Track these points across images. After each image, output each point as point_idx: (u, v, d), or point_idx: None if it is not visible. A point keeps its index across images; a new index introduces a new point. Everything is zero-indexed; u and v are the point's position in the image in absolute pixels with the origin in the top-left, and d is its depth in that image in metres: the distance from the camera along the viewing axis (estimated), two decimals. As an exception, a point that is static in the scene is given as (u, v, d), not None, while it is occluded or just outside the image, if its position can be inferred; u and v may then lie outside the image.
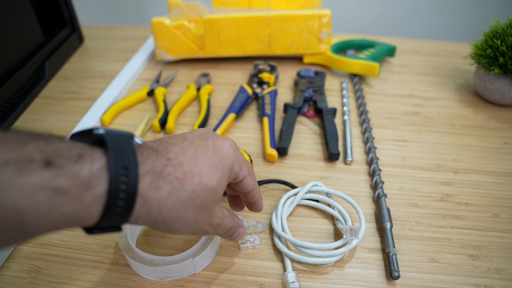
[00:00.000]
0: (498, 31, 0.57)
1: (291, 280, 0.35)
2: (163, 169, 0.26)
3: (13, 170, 0.19)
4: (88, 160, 0.22)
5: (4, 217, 0.19)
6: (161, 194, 0.25)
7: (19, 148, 0.20)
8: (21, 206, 0.19)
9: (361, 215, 0.40)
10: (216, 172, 0.28)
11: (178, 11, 0.70)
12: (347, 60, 0.66)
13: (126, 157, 0.24)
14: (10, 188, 0.19)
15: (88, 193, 0.22)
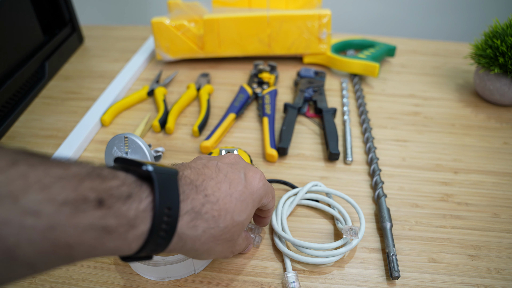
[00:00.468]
0: (498, 31, 0.57)
1: (291, 280, 0.35)
2: (201, 208, 0.28)
3: (69, 210, 0.20)
4: (135, 200, 0.24)
5: (56, 250, 0.21)
6: (197, 232, 0.27)
7: (76, 187, 0.21)
8: (72, 242, 0.21)
9: (361, 215, 0.40)
10: (247, 208, 0.31)
11: (178, 11, 0.70)
12: (347, 60, 0.66)
13: (171, 197, 0.25)
14: (66, 227, 0.20)
15: (132, 232, 0.24)
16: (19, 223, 0.19)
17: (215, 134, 0.52)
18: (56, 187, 0.20)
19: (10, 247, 0.19)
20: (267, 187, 0.34)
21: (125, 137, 0.44)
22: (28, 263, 0.20)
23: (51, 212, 0.20)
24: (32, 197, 0.19)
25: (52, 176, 0.21)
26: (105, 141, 0.53)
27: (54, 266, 0.22)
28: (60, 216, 0.20)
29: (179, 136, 0.55)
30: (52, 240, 0.20)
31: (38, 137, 0.55)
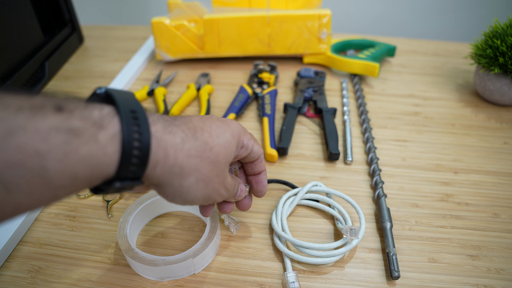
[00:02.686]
0: (498, 31, 0.57)
1: (291, 280, 0.35)
2: (173, 121, 0.27)
3: (27, 115, 0.19)
4: (96, 108, 0.23)
5: (26, 160, 0.19)
6: (176, 139, 0.26)
7: (30, 98, 0.20)
8: (40, 148, 0.19)
9: (361, 215, 0.40)
10: (225, 133, 0.30)
11: (178, 11, 0.70)
12: (347, 60, 0.66)
13: (133, 104, 0.24)
14: (27, 131, 0.19)
15: (102, 133, 0.22)
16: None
17: (215, 134, 0.52)
18: (7, 97, 0.20)
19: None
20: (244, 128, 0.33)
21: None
22: (2, 183, 0.19)
23: (6, 117, 0.19)
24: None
25: (2, 92, 0.20)
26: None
27: (32, 189, 0.20)
28: (17, 120, 0.19)
29: (179, 136, 0.55)
30: (16, 146, 0.19)
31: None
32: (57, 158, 0.20)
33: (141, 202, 0.41)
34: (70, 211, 0.44)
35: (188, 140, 0.27)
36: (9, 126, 0.19)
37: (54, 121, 0.20)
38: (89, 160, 0.22)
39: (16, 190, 0.19)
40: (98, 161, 0.22)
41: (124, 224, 0.38)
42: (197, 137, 0.27)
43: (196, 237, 0.41)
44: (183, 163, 0.26)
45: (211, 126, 0.29)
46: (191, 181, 0.27)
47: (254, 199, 0.45)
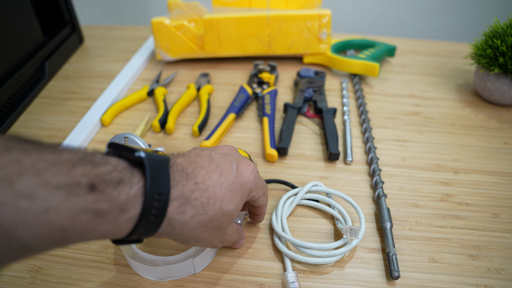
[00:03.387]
0: (498, 31, 0.57)
1: (291, 280, 0.35)
2: (190, 194, 0.28)
3: (63, 193, 0.21)
4: (126, 185, 0.25)
5: (51, 233, 0.21)
6: (186, 217, 0.28)
7: (69, 171, 0.22)
8: (66, 225, 0.22)
9: (361, 215, 0.40)
10: (236, 197, 0.31)
11: (178, 11, 0.70)
12: (347, 60, 0.66)
13: (161, 183, 0.26)
14: (60, 210, 0.21)
15: (123, 216, 0.24)
16: (15, 206, 0.20)
17: (215, 134, 0.52)
18: (49, 172, 0.21)
19: (7, 229, 0.20)
20: (259, 181, 0.34)
21: (125, 137, 0.44)
22: (25, 245, 0.21)
23: (45, 195, 0.21)
24: (26, 182, 0.20)
25: (45, 161, 0.21)
26: (105, 141, 0.53)
27: (49, 248, 0.23)
28: (54, 199, 0.21)
29: (179, 136, 0.55)
30: (47, 223, 0.21)
31: (38, 137, 0.55)
32: (78, 233, 0.23)
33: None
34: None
35: (197, 216, 0.29)
36: (45, 206, 0.21)
37: (85, 202, 0.22)
38: (105, 234, 0.25)
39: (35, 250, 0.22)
40: (112, 235, 0.25)
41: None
42: (207, 212, 0.29)
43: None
44: (186, 234, 0.29)
45: (226, 193, 0.30)
46: (190, 242, 0.31)
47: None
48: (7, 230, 0.20)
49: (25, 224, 0.20)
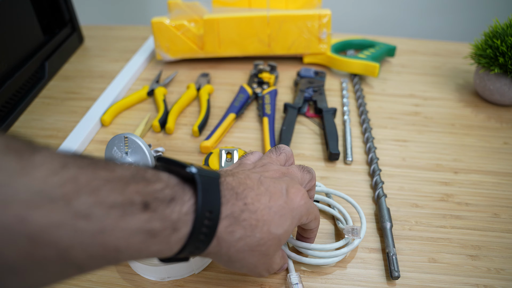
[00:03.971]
0: (498, 31, 0.57)
1: (295, 282, 0.35)
2: (240, 214, 0.27)
3: (118, 213, 0.21)
4: (178, 203, 0.24)
5: (105, 254, 0.21)
6: (234, 238, 0.27)
7: (123, 189, 0.22)
8: (120, 246, 0.21)
9: (361, 215, 0.40)
10: (285, 222, 0.30)
11: (178, 11, 0.70)
12: (347, 60, 0.66)
13: (212, 200, 0.26)
14: (114, 231, 0.21)
15: (175, 235, 0.24)
16: (72, 226, 0.19)
17: (215, 134, 0.52)
18: (104, 190, 0.21)
19: (63, 249, 0.19)
20: (309, 206, 0.32)
21: (125, 137, 0.44)
22: (78, 266, 0.20)
23: (101, 215, 0.20)
24: (83, 200, 0.20)
25: (100, 179, 0.21)
26: (105, 141, 0.53)
27: (100, 267, 0.22)
28: (109, 219, 0.20)
29: (179, 136, 0.55)
30: (102, 243, 0.20)
31: (38, 137, 0.55)
32: (131, 254, 0.22)
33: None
34: (70, 211, 0.44)
35: (245, 238, 0.28)
36: (102, 226, 0.20)
37: (139, 221, 0.22)
38: (155, 254, 0.24)
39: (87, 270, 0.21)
40: (162, 254, 0.25)
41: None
42: (255, 234, 0.28)
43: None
44: (232, 255, 0.28)
45: (274, 217, 0.29)
46: (236, 265, 0.30)
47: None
48: (63, 251, 0.19)
49: (81, 245, 0.20)
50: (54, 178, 0.19)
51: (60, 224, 0.19)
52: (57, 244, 0.19)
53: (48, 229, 0.18)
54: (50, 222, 0.18)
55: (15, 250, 0.18)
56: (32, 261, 0.18)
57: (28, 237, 0.18)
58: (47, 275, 0.20)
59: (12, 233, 0.17)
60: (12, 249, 0.18)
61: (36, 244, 0.18)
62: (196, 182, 0.25)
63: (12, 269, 0.18)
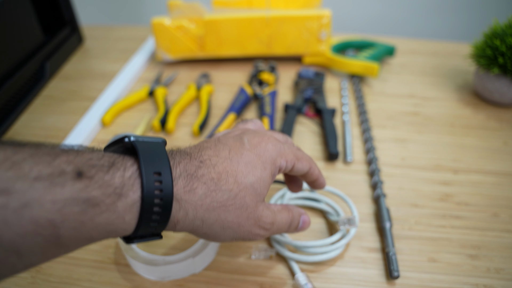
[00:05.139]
0: (498, 31, 0.57)
1: (304, 282, 0.35)
2: (196, 170, 0.25)
3: (45, 184, 0.19)
4: (119, 168, 0.22)
5: (38, 230, 0.19)
6: (196, 196, 0.25)
7: (50, 161, 0.20)
8: (54, 219, 0.19)
9: (350, 203, 0.41)
10: (254, 170, 0.28)
11: (178, 11, 0.70)
12: (346, 60, 0.66)
13: (158, 162, 0.24)
14: (43, 203, 0.19)
15: (121, 202, 0.22)
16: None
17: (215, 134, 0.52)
18: (27, 163, 0.19)
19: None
20: (281, 148, 0.30)
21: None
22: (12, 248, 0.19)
23: (23, 188, 0.18)
24: (1, 175, 0.18)
25: (23, 153, 0.19)
26: (106, 141, 0.54)
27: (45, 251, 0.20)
28: (34, 192, 0.19)
29: (179, 136, 0.55)
30: (31, 219, 0.19)
31: (38, 137, 0.55)
32: (71, 227, 0.20)
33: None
34: (70, 211, 0.44)
35: (210, 193, 0.26)
36: (25, 199, 0.18)
37: (72, 191, 0.20)
38: (105, 227, 0.22)
39: (28, 254, 0.20)
40: (115, 227, 0.22)
41: (124, 224, 0.38)
42: (220, 187, 0.26)
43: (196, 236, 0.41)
44: (203, 217, 0.26)
45: (238, 166, 0.27)
46: (215, 229, 0.27)
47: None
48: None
49: (4, 223, 0.18)
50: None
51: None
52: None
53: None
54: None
55: None
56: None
57: None
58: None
59: None
60: None
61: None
62: (136, 147, 0.23)
63: None
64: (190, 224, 0.26)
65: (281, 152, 0.30)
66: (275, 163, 0.29)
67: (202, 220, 0.26)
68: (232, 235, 0.28)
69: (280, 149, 0.30)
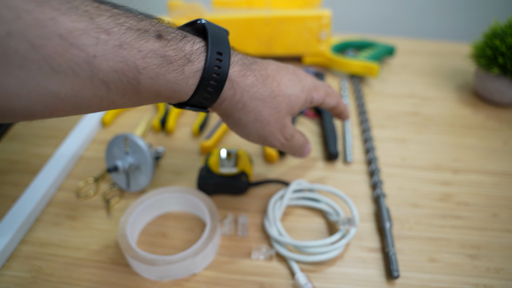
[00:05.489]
0: (498, 31, 0.57)
1: (304, 282, 0.35)
2: (250, 64, 0.31)
3: (134, 35, 0.24)
4: (190, 41, 0.27)
5: (125, 71, 0.24)
6: (246, 82, 0.30)
7: (138, 20, 0.25)
8: (138, 65, 0.24)
9: (350, 203, 0.41)
10: (294, 86, 0.33)
11: (178, 11, 0.70)
12: (346, 60, 0.66)
13: (221, 45, 0.28)
14: (132, 48, 0.24)
15: (188, 66, 0.27)
16: (95, 37, 0.22)
17: (215, 134, 0.52)
18: (122, 17, 0.24)
19: (90, 57, 0.22)
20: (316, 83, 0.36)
21: (125, 137, 0.44)
22: (104, 81, 0.23)
23: (119, 33, 0.23)
24: (104, 20, 0.23)
25: (118, 11, 0.24)
26: (106, 141, 0.54)
27: (124, 94, 0.25)
28: (126, 37, 0.23)
29: (179, 136, 0.55)
30: (122, 57, 0.23)
31: (39, 137, 0.55)
32: (149, 76, 0.25)
33: (142, 202, 0.41)
34: (70, 211, 0.44)
35: (257, 84, 0.31)
36: (120, 41, 0.23)
37: (153, 46, 0.25)
38: (173, 85, 0.27)
39: (114, 90, 0.24)
40: (179, 87, 0.27)
41: (125, 224, 0.39)
42: (266, 84, 0.31)
43: (196, 237, 0.41)
44: (246, 102, 0.31)
45: (283, 78, 0.33)
46: (250, 117, 0.32)
47: (252, 199, 0.45)
48: (90, 58, 0.22)
49: (103, 55, 0.23)
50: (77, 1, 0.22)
51: (85, 31, 0.22)
52: (83, 50, 0.22)
53: (74, 32, 0.21)
54: (75, 27, 0.21)
55: (51, 46, 0.21)
56: (66, 61, 0.22)
57: (59, 35, 0.21)
58: (82, 87, 0.23)
59: (47, 30, 0.21)
60: (49, 45, 0.21)
61: (66, 44, 0.21)
62: (206, 28, 0.28)
63: (52, 66, 0.21)
64: (233, 105, 0.31)
65: (316, 86, 0.36)
66: (310, 93, 0.36)
67: (243, 105, 0.31)
68: (258, 130, 0.33)
69: (316, 84, 0.36)
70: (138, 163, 0.45)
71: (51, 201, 0.45)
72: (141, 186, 0.45)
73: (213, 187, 0.44)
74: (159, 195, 0.42)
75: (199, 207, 0.41)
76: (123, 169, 0.44)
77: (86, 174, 0.49)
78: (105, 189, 0.47)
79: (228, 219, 0.42)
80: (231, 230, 0.41)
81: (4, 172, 0.49)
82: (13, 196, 0.45)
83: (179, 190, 0.42)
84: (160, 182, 0.47)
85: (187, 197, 0.42)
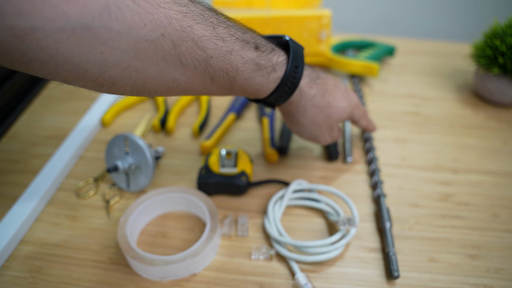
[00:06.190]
0: (498, 31, 0.57)
1: (304, 282, 0.35)
2: (316, 78, 0.39)
3: (241, 44, 0.31)
4: (276, 54, 0.35)
5: (228, 70, 0.31)
6: (311, 93, 0.38)
7: (243, 33, 0.32)
8: (239, 68, 0.32)
9: (350, 204, 0.41)
10: (345, 101, 0.41)
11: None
12: (346, 60, 0.66)
13: (299, 60, 0.36)
14: (237, 55, 0.31)
15: (272, 74, 0.34)
16: (215, 42, 0.29)
17: (215, 134, 0.52)
18: (232, 28, 0.31)
19: (208, 56, 0.29)
20: (359, 103, 0.44)
21: (125, 137, 0.44)
22: (212, 76, 0.31)
23: (231, 42, 0.30)
24: (222, 29, 0.30)
25: (230, 24, 0.31)
26: (106, 141, 0.54)
27: (222, 83, 0.32)
28: (235, 45, 0.31)
29: (179, 136, 0.55)
30: (229, 61, 0.31)
31: (39, 137, 0.55)
32: (244, 77, 0.33)
33: (142, 202, 0.41)
34: (70, 211, 0.44)
35: (318, 96, 0.39)
36: (230, 48, 0.30)
37: (252, 55, 0.32)
38: (258, 86, 0.34)
39: (215, 83, 0.32)
40: (262, 88, 0.35)
41: (125, 224, 0.39)
42: (325, 97, 0.39)
43: (196, 237, 0.41)
44: (307, 108, 0.39)
45: (337, 93, 0.41)
46: (307, 121, 0.40)
47: (252, 199, 0.45)
48: (207, 56, 0.29)
49: (217, 57, 0.30)
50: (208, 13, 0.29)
51: (209, 38, 0.29)
52: (205, 51, 0.29)
53: (202, 38, 0.28)
54: (204, 34, 0.28)
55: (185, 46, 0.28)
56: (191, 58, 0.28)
57: (192, 39, 0.28)
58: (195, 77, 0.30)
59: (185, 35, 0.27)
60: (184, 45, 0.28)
61: (195, 45, 0.28)
62: (289, 44, 0.35)
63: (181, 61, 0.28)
64: (297, 109, 0.39)
65: (358, 105, 0.44)
66: (353, 109, 0.44)
67: (305, 110, 0.39)
68: (312, 131, 0.41)
69: (359, 103, 0.45)
70: (138, 163, 0.45)
71: (51, 201, 0.45)
72: (141, 186, 0.45)
73: (213, 187, 0.44)
74: (159, 195, 0.42)
75: (199, 207, 0.41)
76: (123, 169, 0.44)
77: (86, 174, 0.49)
78: (105, 189, 0.47)
79: (228, 219, 0.42)
80: (231, 230, 0.41)
81: (4, 172, 0.49)
82: (13, 196, 0.45)
83: (179, 190, 0.42)
84: (160, 182, 0.47)
85: (187, 197, 0.42)
